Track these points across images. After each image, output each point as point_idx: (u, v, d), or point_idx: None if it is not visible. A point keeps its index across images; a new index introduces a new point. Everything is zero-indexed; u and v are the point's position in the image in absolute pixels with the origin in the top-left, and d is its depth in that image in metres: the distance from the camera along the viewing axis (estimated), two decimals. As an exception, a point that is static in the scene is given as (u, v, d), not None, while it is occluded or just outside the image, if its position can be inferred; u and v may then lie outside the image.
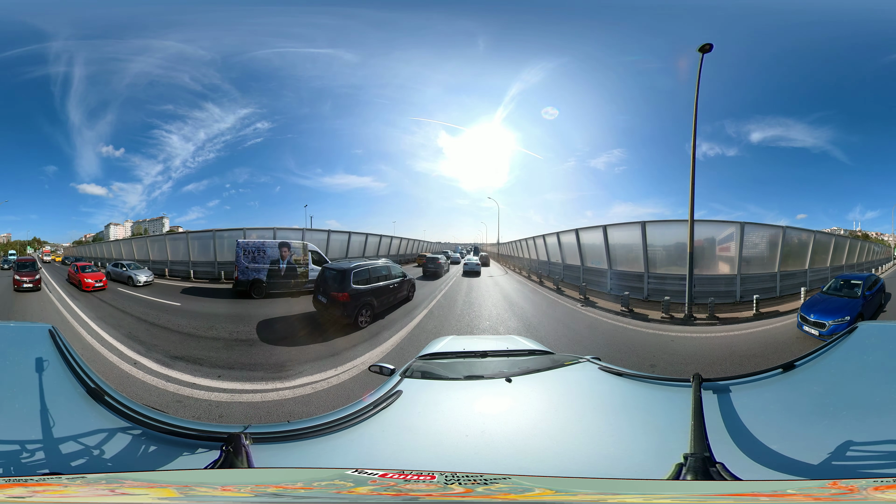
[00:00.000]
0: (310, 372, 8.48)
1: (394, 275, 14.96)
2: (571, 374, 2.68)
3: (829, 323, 10.01)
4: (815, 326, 10.22)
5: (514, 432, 1.96)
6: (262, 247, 15.19)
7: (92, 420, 1.74)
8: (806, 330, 10.43)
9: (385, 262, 15.01)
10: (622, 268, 18.70)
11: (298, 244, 15.46)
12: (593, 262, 20.42)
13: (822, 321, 10.15)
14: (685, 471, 1.30)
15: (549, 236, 25.71)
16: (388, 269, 14.77)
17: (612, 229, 19.22)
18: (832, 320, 10.04)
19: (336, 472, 1.48)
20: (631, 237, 18.26)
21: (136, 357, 9.06)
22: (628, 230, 18.51)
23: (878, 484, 1.16)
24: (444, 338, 4.11)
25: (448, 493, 1.28)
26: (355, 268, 12.96)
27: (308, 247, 15.44)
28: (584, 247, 21.38)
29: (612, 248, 19.10)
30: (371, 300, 12.92)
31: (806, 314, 10.61)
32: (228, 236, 21.67)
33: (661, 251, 17.68)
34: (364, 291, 12.78)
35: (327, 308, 12.63)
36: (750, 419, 1.70)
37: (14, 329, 2.82)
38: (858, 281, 11.64)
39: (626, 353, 10.15)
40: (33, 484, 1.27)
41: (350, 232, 25.90)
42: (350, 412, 2.03)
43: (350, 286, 12.32)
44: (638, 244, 17.87)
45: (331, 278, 12.66)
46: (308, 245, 15.73)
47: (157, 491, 1.21)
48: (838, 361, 2.04)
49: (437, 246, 41.39)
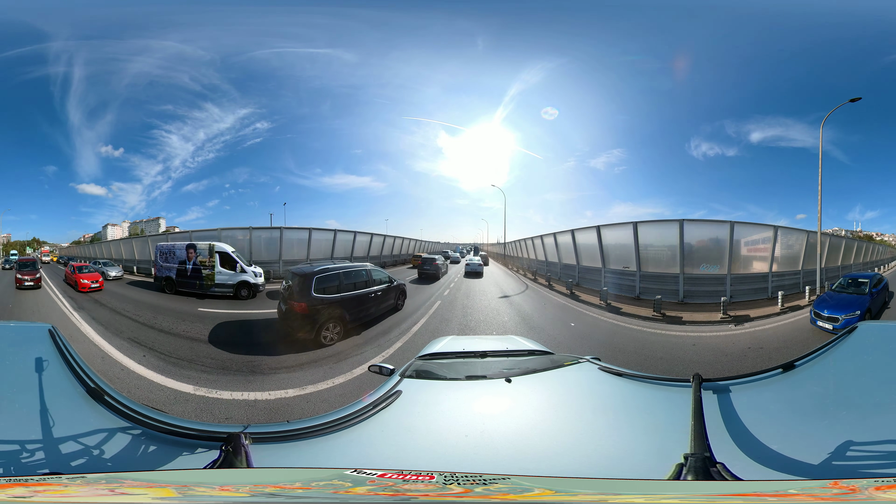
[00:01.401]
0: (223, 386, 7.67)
1: (376, 280, 12.75)
2: (571, 375, 2.68)
3: (842, 317, 10.71)
4: (828, 321, 10.88)
5: (513, 432, 1.96)
6: (172, 248, 15.79)
7: (92, 420, 1.74)
8: (820, 325, 11.05)
9: (366, 266, 13.00)
10: (653, 269, 17.78)
11: (205, 246, 14.98)
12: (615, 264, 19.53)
13: (835, 316, 10.86)
14: (686, 471, 1.29)
15: (562, 234, 23.63)
16: (367, 273, 12.51)
17: (644, 227, 18.35)
18: (844, 315, 10.77)
19: (335, 473, 1.48)
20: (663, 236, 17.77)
21: (73, 312, 13.63)
22: (664, 228, 17.93)
23: (879, 484, 1.15)
24: (443, 338, 4.11)
25: (446, 494, 1.27)
26: (320, 272, 10.73)
27: (216, 248, 14.61)
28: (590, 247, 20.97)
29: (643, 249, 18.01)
30: (341, 312, 10.63)
31: (819, 310, 11.25)
32: (225, 236, 21.76)
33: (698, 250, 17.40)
34: (332, 301, 10.53)
35: (286, 318, 10.78)
36: (750, 419, 1.70)
37: (14, 329, 2.82)
38: (865, 279, 12.44)
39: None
40: (34, 484, 1.27)
41: (336, 230, 24.38)
42: (349, 412, 2.03)
43: (310, 295, 10.16)
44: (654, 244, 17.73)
45: (294, 284, 10.71)
46: (217, 246, 14.83)
47: (155, 491, 1.21)
48: (838, 361, 2.04)
49: (438, 246, 41.30)
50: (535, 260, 28.89)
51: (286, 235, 22.47)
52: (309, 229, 22.92)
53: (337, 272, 11.21)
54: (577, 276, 21.42)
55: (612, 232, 19.59)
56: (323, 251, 23.25)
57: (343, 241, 24.71)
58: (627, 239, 18.41)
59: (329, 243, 23.76)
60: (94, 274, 17.25)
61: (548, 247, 26.03)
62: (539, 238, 27.48)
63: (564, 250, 23.37)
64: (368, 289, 12.14)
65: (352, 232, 25.46)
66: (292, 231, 22.83)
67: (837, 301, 11.56)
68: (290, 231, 22.78)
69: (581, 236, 21.71)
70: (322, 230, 23.62)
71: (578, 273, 21.60)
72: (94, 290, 16.47)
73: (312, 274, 10.51)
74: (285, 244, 22.24)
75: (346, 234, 25.02)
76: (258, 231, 22.20)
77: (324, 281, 10.60)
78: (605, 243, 19.76)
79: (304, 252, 22.41)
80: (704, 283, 16.54)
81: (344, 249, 24.58)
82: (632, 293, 17.55)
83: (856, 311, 10.86)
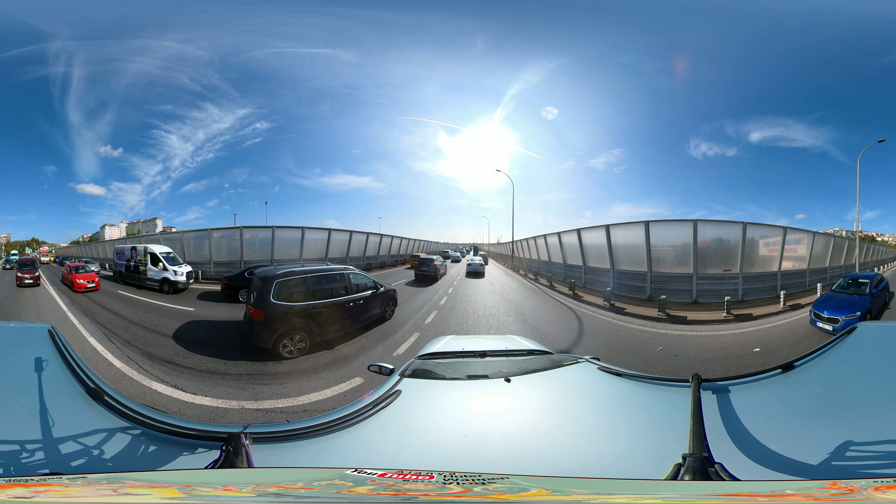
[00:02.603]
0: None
1: (357, 286, 11.10)
2: (570, 374, 2.68)
3: (842, 318, 10.56)
4: (829, 322, 10.74)
5: (512, 432, 1.96)
6: (123, 249, 18.99)
7: (91, 420, 1.74)
8: (820, 326, 10.87)
9: (346, 269, 11.52)
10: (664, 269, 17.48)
11: (142, 247, 17.78)
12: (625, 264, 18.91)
13: (835, 317, 10.69)
14: (683, 471, 1.30)
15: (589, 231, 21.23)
16: (345, 277, 10.92)
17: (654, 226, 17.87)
18: (844, 316, 10.61)
19: (336, 472, 1.49)
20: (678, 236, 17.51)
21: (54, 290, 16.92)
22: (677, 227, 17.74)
23: (878, 484, 1.15)
24: (443, 337, 4.11)
25: (446, 493, 1.28)
26: (283, 276, 9.54)
27: (148, 249, 17.24)
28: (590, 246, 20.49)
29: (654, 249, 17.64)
30: (306, 323, 9.34)
31: (819, 311, 11.06)
32: (221, 235, 22.22)
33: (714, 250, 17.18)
34: (295, 310, 9.27)
35: (248, 323, 9.72)
36: (749, 419, 1.70)
37: (14, 329, 2.82)
38: (866, 279, 12.23)
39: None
40: (34, 484, 1.27)
41: (330, 229, 23.51)
42: (349, 412, 2.04)
43: (268, 301, 9.00)
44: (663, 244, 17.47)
45: (254, 287, 9.66)
46: (149, 248, 17.37)
47: (160, 491, 1.21)
48: (838, 361, 2.04)
49: (437, 246, 41.24)
50: (547, 262, 26.34)
51: (266, 234, 22.36)
52: (301, 228, 22.54)
53: (304, 276, 9.83)
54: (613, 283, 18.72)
55: (622, 231, 19.05)
56: (317, 251, 22.93)
57: (339, 242, 24.15)
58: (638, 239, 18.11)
59: (323, 243, 23.36)
60: (91, 274, 17.64)
61: (555, 247, 24.46)
62: (555, 236, 24.77)
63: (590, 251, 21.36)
64: (346, 297, 10.55)
65: (347, 231, 24.94)
66: (285, 230, 22.50)
67: (838, 302, 11.44)
68: (281, 230, 22.44)
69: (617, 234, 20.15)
70: (315, 229, 23.12)
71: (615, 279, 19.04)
72: (91, 289, 16.82)
73: (273, 278, 9.34)
74: (277, 244, 22.05)
75: (342, 234, 24.47)
76: (251, 230, 22.41)
77: (287, 286, 9.40)
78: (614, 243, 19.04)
79: (297, 252, 22.18)
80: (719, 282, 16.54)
81: (340, 250, 24.15)
82: (689, 298, 16.67)
83: (856, 311, 10.75)
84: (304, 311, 9.45)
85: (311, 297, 9.72)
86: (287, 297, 9.34)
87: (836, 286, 12.79)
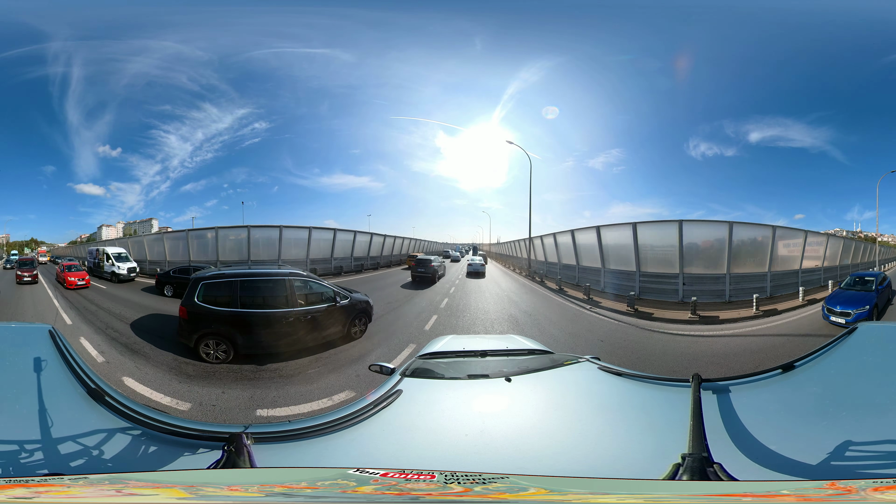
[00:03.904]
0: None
1: (309, 297, 9.73)
2: (571, 374, 2.69)
3: (853, 312, 11.66)
4: (841, 316, 11.77)
5: (513, 432, 1.97)
6: (92, 250, 23.04)
7: (92, 420, 1.74)
8: (833, 320, 11.85)
9: (295, 275, 9.95)
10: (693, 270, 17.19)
11: (102, 249, 21.78)
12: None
13: (847, 311, 11.75)
14: (682, 471, 1.30)
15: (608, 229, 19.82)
16: (285, 285, 9.54)
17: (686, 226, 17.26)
18: (854, 309, 11.72)
19: (338, 472, 1.49)
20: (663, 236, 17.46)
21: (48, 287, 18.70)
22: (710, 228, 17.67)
23: (877, 485, 1.16)
24: (443, 337, 4.12)
25: (447, 493, 1.28)
26: (210, 277, 9.33)
27: (104, 250, 21.51)
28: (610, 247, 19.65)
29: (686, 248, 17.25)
30: (227, 330, 8.77)
31: (831, 306, 12.11)
32: (216, 234, 22.87)
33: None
34: (217, 315, 8.85)
35: (178, 321, 9.56)
36: (749, 419, 1.70)
37: (14, 330, 2.82)
38: (871, 277, 13.43)
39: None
40: (35, 485, 1.27)
41: (311, 227, 22.94)
42: (350, 411, 2.04)
43: (192, 300, 9.00)
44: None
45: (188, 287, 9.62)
46: (105, 249, 21.59)
47: (165, 491, 1.21)
48: (838, 362, 2.04)
49: (437, 246, 41.22)
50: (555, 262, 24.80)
51: (253, 234, 22.74)
52: (279, 227, 22.60)
53: (231, 280, 9.31)
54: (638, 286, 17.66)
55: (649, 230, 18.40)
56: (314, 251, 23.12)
57: (323, 241, 23.89)
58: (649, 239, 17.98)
59: (319, 243, 23.46)
60: (82, 272, 18.96)
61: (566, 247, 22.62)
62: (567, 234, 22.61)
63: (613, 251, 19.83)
64: (286, 309, 9.26)
65: (332, 230, 24.64)
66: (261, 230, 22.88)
67: (847, 297, 12.40)
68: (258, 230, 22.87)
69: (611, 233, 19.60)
70: (294, 227, 23.04)
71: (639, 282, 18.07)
72: (81, 287, 18.05)
73: (200, 279, 9.33)
74: (258, 243, 22.50)
75: (323, 232, 24.11)
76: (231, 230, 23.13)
77: (213, 288, 9.19)
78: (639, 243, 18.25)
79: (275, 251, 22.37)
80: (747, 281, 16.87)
81: (333, 249, 24.11)
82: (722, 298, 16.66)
83: (865, 305, 11.76)
84: (228, 317, 8.92)
85: (237, 304, 9.08)
86: (212, 300, 9.06)
87: (843, 284, 13.73)
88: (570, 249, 22.67)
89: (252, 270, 10.17)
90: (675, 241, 17.10)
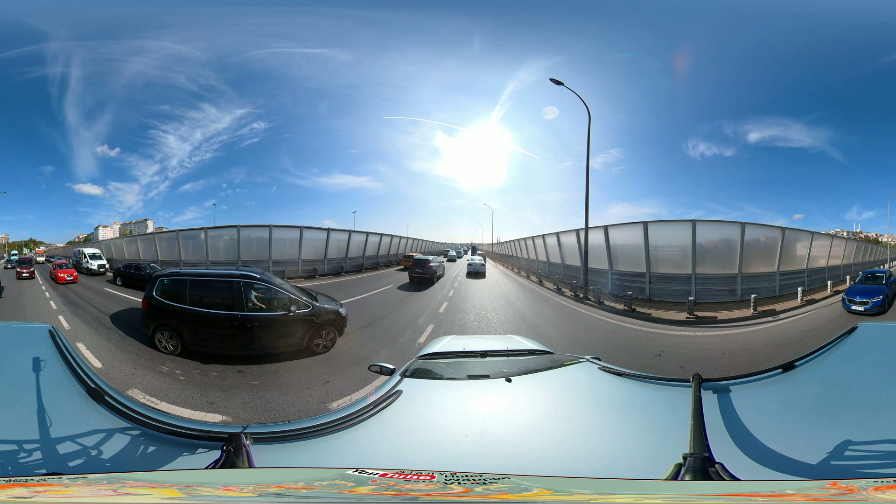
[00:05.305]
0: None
1: (258, 299, 9.36)
2: (571, 374, 2.69)
3: (870, 300, 14.00)
4: (860, 304, 14.08)
5: (513, 432, 1.96)
6: (75, 251, 25.62)
7: (91, 420, 1.74)
8: (854, 308, 14.11)
9: (245, 279, 9.43)
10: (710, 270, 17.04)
11: (81, 250, 24.92)
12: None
13: (865, 300, 14.09)
14: (684, 471, 1.30)
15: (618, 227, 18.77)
16: (233, 288, 9.25)
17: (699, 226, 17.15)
18: (870, 299, 14.08)
19: (337, 472, 1.48)
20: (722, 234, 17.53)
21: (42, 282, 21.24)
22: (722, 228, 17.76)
23: (878, 484, 1.16)
24: (443, 337, 4.11)
25: (447, 493, 1.28)
26: (168, 275, 10.17)
27: (82, 251, 24.78)
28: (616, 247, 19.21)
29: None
30: (178, 325, 9.22)
31: (851, 297, 14.49)
32: (215, 235, 23.28)
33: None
34: (169, 309, 9.46)
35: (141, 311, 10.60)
36: (750, 419, 1.70)
37: (14, 329, 2.81)
38: (881, 273, 15.97)
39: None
40: (34, 484, 1.27)
41: (302, 227, 22.72)
42: (350, 412, 2.04)
43: (150, 294, 9.82)
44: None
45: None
46: (83, 250, 24.80)
47: (160, 491, 1.21)
48: (838, 361, 2.04)
49: (436, 246, 41.23)
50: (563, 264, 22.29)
51: (248, 234, 22.88)
52: (269, 227, 22.63)
53: (182, 279, 9.90)
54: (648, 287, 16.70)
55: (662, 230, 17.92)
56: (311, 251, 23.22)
57: (315, 240, 23.68)
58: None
59: (314, 243, 23.50)
60: (70, 270, 21.94)
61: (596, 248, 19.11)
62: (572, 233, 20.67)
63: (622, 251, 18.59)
64: (230, 312, 9.03)
65: (325, 229, 24.44)
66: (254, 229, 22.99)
67: (863, 289, 14.71)
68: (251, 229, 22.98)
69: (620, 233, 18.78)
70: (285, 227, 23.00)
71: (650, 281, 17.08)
72: (69, 282, 21.08)
73: (158, 275, 10.31)
74: (252, 243, 22.70)
75: (316, 232, 23.92)
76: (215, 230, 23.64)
77: (168, 284, 9.87)
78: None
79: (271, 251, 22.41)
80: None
81: (326, 249, 23.98)
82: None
83: (879, 295, 14.08)
84: (178, 312, 9.37)
85: (185, 301, 9.45)
86: (167, 295, 9.73)
87: (857, 279, 16.26)
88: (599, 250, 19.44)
89: (204, 271, 10.92)
90: (679, 241, 17.35)
